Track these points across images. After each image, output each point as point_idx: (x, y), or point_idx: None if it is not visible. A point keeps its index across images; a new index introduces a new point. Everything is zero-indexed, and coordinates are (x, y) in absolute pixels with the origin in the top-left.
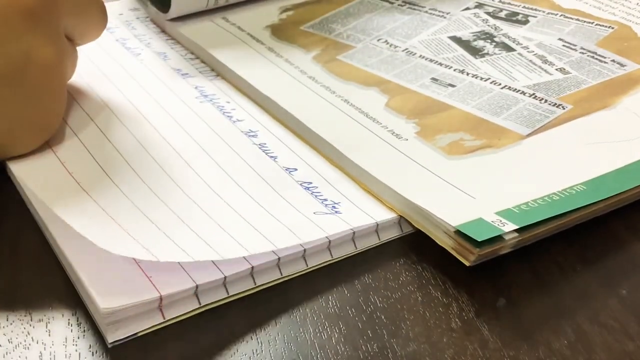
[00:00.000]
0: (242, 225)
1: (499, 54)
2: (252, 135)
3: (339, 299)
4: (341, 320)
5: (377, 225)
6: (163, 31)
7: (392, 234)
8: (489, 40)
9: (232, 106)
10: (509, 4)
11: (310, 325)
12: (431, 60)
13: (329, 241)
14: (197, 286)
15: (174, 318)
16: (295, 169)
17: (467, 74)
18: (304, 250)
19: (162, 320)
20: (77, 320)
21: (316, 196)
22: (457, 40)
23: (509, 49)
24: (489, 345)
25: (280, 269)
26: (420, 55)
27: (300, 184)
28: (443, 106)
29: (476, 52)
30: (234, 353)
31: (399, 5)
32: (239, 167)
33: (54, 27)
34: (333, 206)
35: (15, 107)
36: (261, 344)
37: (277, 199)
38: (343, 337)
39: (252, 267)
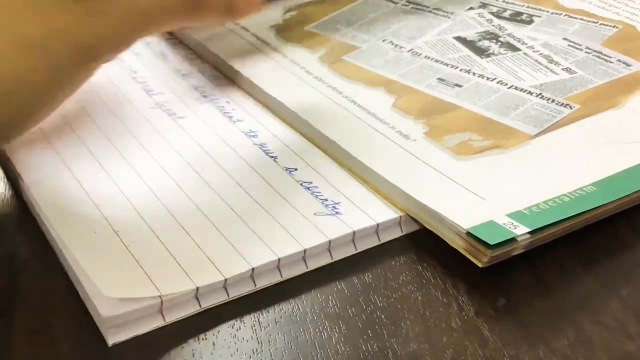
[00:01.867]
0: (242, 228)
1: (505, 54)
2: (252, 136)
3: (339, 298)
4: (341, 320)
5: (378, 226)
6: None
7: (392, 234)
8: (494, 40)
9: (232, 106)
10: (513, 3)
11: (310, 325)
12: (437, 61)
13: (329, 243)
14: (197, 289)
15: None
16: (295, 169)
17: (474, 74)
18: (304, 251)
19: (163, 323)
20: (78, 321)
21: (316, 196)
22: (462, 40)
23: (514, 49)
24: (489, 345)
25: (280, 272)
26: (426, 56)
27: (301, 184)
28: (450, 106)
29: (482, 52)
30: (234, 353)
31: (402, 5)
32: (239, 167)
33: None
34: (333, 206)
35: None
36: (261, 343)
37: (278, 199)
38: (343, 337)
39: (253, 270)
